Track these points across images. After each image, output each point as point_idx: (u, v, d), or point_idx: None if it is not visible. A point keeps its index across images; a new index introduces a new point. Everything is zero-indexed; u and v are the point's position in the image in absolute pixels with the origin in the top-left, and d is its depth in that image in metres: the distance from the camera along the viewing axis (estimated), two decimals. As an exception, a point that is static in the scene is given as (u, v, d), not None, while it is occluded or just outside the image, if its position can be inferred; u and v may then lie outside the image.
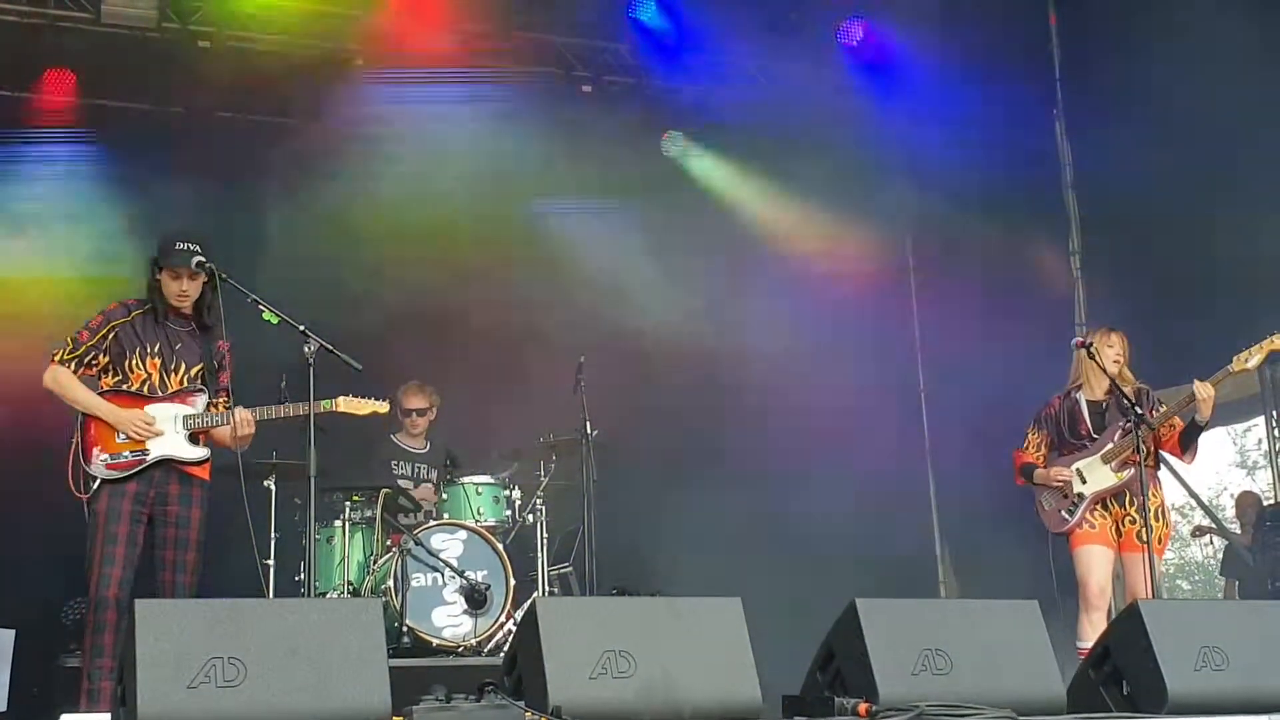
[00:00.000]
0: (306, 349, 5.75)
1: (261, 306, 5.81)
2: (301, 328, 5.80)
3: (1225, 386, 6.53)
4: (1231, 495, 16.52)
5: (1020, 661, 4.91)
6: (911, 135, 9.18)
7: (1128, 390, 6.67)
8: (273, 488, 7.33)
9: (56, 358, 5.89)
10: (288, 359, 6.15)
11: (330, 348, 5.82)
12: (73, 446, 5.85)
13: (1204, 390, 6.40)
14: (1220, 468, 27.78)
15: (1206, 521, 11.26)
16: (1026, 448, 6.99)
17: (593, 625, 4.50)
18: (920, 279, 10.30)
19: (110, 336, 5.89)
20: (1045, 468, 6.88)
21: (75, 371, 5.91)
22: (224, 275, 5.87)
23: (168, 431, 5.92)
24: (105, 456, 5.84)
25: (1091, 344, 6.69)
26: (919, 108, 9.22)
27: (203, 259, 5.90)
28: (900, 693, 4.58)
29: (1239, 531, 10.31)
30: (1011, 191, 9.10)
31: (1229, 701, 4.77)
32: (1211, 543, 10.89)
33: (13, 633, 6.95)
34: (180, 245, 5.91)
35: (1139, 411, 6.42)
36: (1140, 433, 6.31)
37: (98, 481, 5.78)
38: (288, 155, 8.91)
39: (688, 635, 4.59)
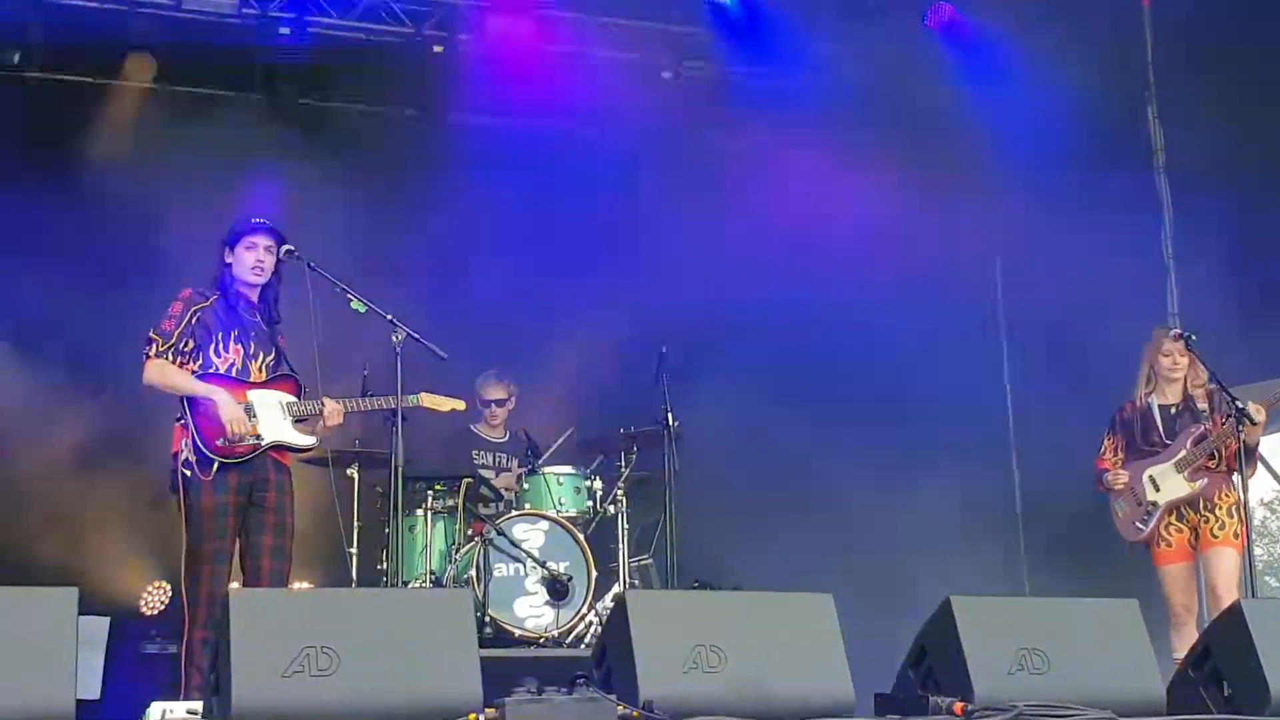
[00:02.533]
0: (394, 337, 5.85)
1: (350, 295, 5.91)
2: (389, 316, 5.91)
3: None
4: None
5: (1119, 661, 4.88)
6: (999, 120, 9.04)
7: (1199, 393, 6.60)
8: (356, 476, 7.38)
9: (152, 352, 5.94)
10: (370, 349, 6.31)
11: (417, 336, 5.94)
12: (185, 430, 5.83)
13: (1258, 414, 6.33)
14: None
15: None
16: (1104, 454, 6.94)
17: (683, 619, 4.53)
18: (1008, 278, 10.16)
19: (194, 320, 5.94)
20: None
21: (174, 362, 5.96)
22: (312, 264, 5.97)
23: (274, 418, 5.97)
24: (222, 440, 5.84)
25: (1192, 335, 6.61)
26: (1008, 91, 9.09)
27: (291, 247, 6.00)
28: (996, 692, 4.56)
29: None
30: (1101, 180, 8.95)
31: (1335, 703, 4.71)
32: None
33: (107, 620, 7.10)
34: (256, 219, 6.04)
35: (1240, 406, 6.34)
36: (1215, 435, 6.25)
37: (215, 465, 5.77)
38: (369, 144, 9.02)
39: (779, 631, 4.60)
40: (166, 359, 5.89)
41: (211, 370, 5.93)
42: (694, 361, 8.24)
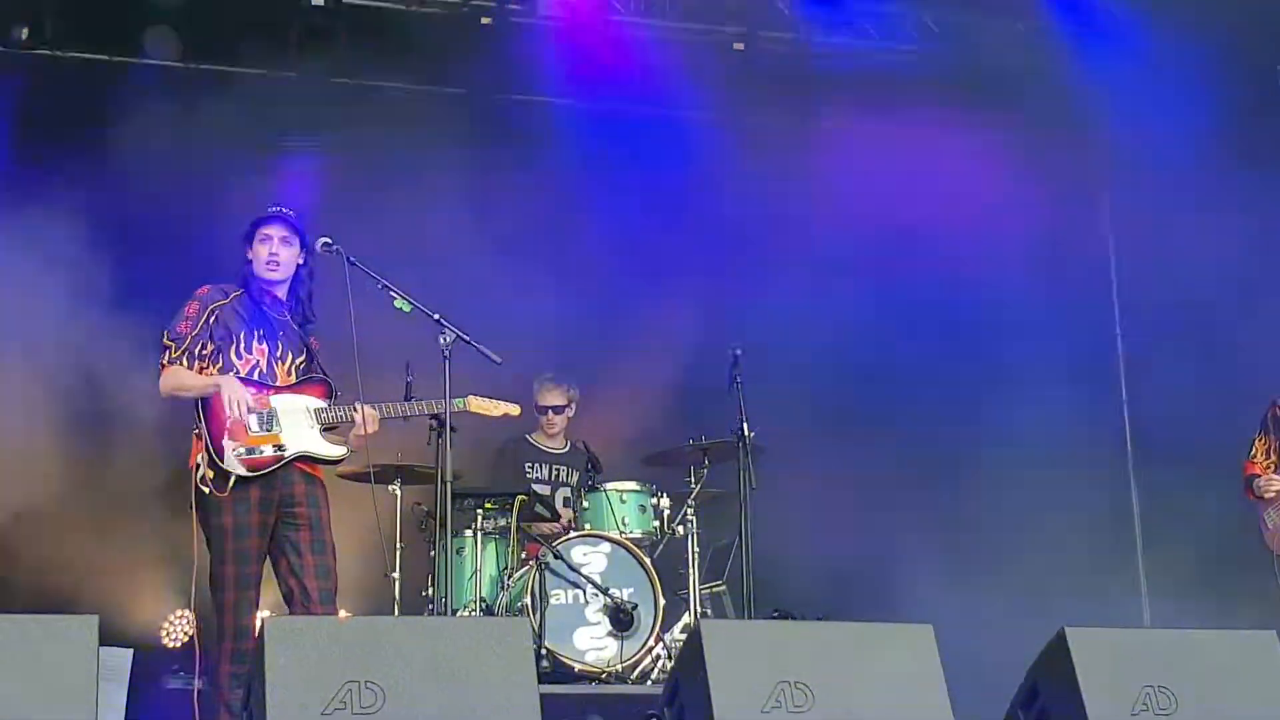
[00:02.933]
0: (442, 339, 5.85)
1: (393, 293, 5.91)
2: (436, 315, 5.90)
3: None
4: None
5: (1256, 701, 4.78)
6: (1114, 91, 8.93)
7: None
8: (398, 493, 7.41)
9: (166, 359, 5.91)
10: (415, 352, 6.27)
11: (468, 338, 5.91)
12: (200, 441, 5.82)
13: None
14: None
15: None
16: (1254, 456, 6.81)
17: (764, 653, 4.50)
18: (1125, 275, 10.07)
19: (212, 320, 5.94)
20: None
21: (190, 367, 5.95)
22: (351, 258, 5.96)
23: (300, 426, 5.93)
24: (241, 449, 5.81)
25: None
26: (1125, 59, 8.96)
27: (329, 240, 6.00)
28: (1118, 735, 4.50)
29: None
30: (1225, 152, 8.83)
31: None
32: None
33: (129, 652, 7.15)
34: (273, 208, 6.05)
35: None
36: None
37: (231, 479, 5.74)
38: (411, 125, 8.99)
39: (873, 666, 4.57)
40: (182, 364, 5.89)
41: (236, 374, 5.91)
42: (772, 365, 8.20)
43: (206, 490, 5.75)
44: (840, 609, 7.19)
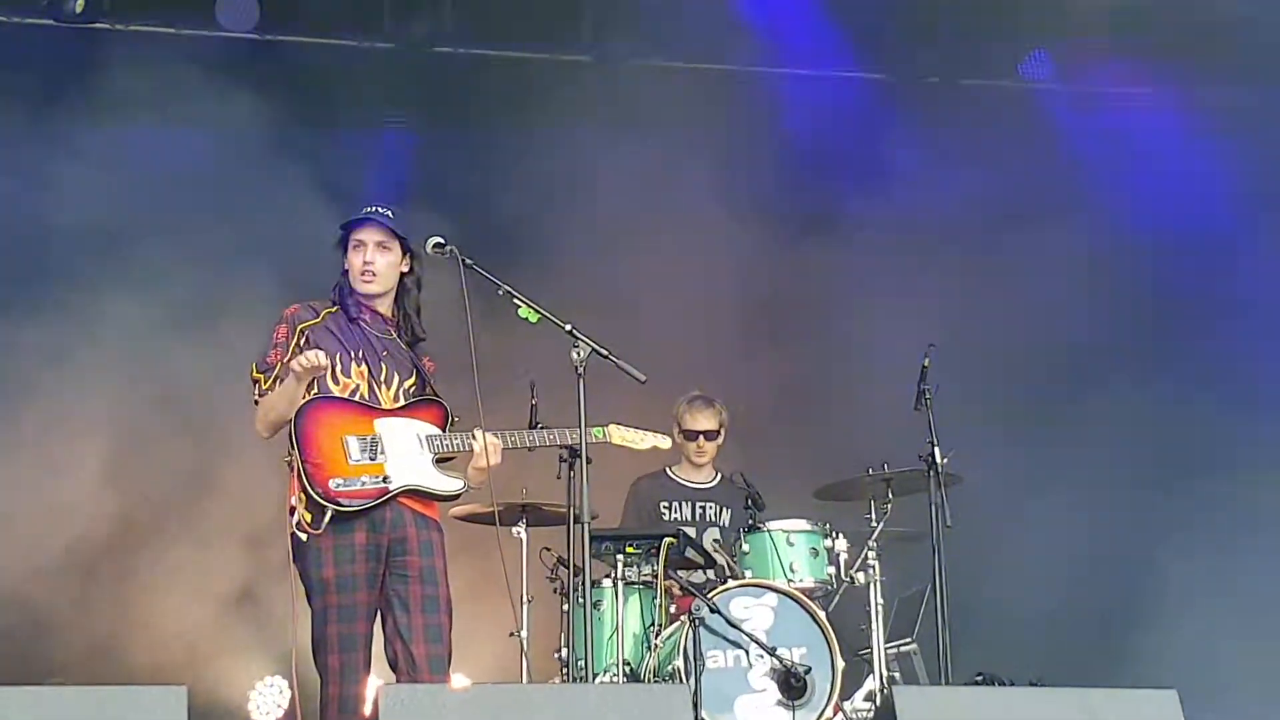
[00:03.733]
0: (574, 354, 5.85)
1: (517, 300, 5.93)
2: (568, 327, 5.91)
3: None
4: None
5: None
6: None
7: None
8: (523, 537, 7.48)
9: (257, 395, 5.99)
10: (541, 368, 6.42)
11: (605, 351, 5.92)
12: (293, 474, 5.85)
13: None
14: None
15: None
16: None
17: (973, 726, 4.50)
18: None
19: (304, 344, 5.96)
20: None
21: None
22: (468, 260, 5.98)
23: (409, 454, 5.96)
24: (338, 481, 5.84)
25: None
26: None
27: (441, 240, 6.04)
28: None
29: None
30: None
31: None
32: None
33: (185, 689, 7.36)
34: (368, 209, 6.09)
35: None
36: None
37: (328, 515, 5.77)
38: (528, 97, 9.16)
39: (1107, 740, 4.55)
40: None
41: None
42: (970, 377, 8.21)
43: (304, 536, 5.80)
44: (1059, 670, 7.11)
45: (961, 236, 9.46)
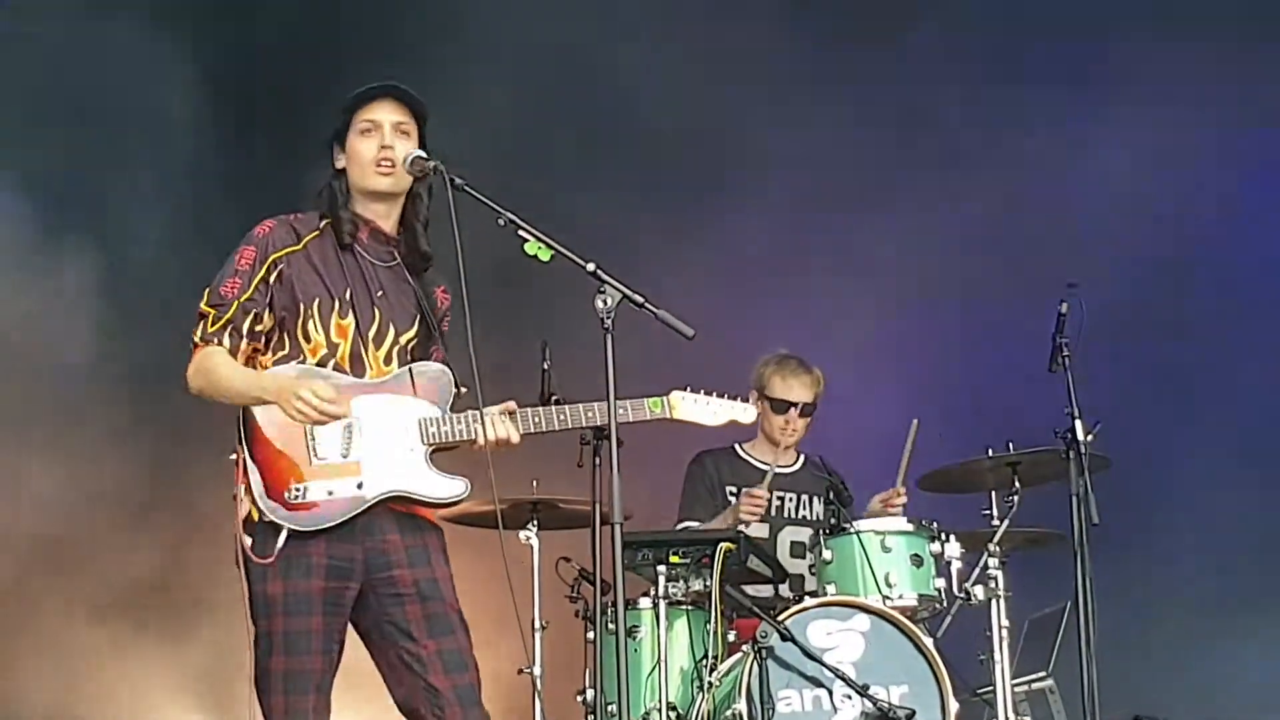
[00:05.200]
0: (600, 302, 5.56)
1: (524, 233, 5.66)
2: (591, 267, 5.61)
3: None
4: None
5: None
6: None
7: None
8: (534, 544, 7.46)
9: (198, 336, 5.75)
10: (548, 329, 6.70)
11: (641, 300, 5.61)
12: (241, 472, 5.71)
13: None
14: None
15: None
16: None
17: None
18: None
19: (273, 278, 5.76)
20: None
21: (230, 348, 5.78)
22: (456, 179, 5.69)
23: (394, 446, 5.73)
24: (296, 490, 5.63)
25: None
26: None
27: (422, 154, 5.79)
28: None
29: None
30: None
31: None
32: None
33: None
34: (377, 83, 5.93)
35: None
36: None
37: (282, 536, 5.57)
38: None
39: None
40: (222, 344, 5.72)
41: (299, 364, 5.76)
42: (1122, 335, 8.33)
43: (249, 543, 5.65)
44: (1240, 711, 7.60)
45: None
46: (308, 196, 6.01)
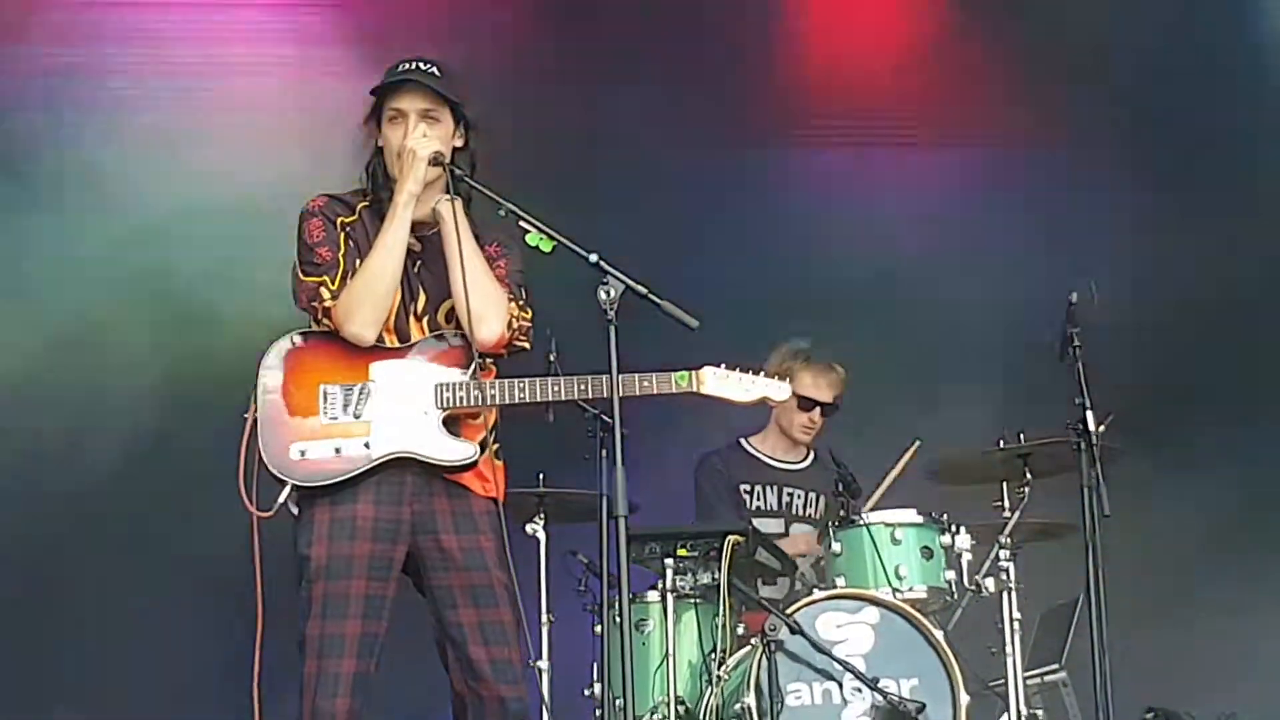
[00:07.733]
0: (603, 293, 5.60)
1: (525, 224, 5.72)
2: (594, 258, 5.65)
3: None
4: None
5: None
6: None
7: None
8: (541, 536, 7.50)
9: (328, 300, 5.80)
10: (561, 309, 6.28)
11: (644, 290, 5.66)
12: (246, 433, 5.73)
13: None
14: None
15: None
16: None
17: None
18: None
19: (347, 242, 5.87)
20: None
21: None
22: (458, 169, 5.81)
23: (407, 409, 5.77)
24: (300, 447, 5.70)
25: None
26: None
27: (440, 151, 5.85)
28: None
29: None
30: None
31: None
32: None
33: None
34: (405, 62, 5.95)
35: None
36: None
37: (285, 490, 5.65)
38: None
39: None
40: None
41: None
42: (1122, 323, 8.24)
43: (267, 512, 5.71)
44: (1259, 703, 7.56)
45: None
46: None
